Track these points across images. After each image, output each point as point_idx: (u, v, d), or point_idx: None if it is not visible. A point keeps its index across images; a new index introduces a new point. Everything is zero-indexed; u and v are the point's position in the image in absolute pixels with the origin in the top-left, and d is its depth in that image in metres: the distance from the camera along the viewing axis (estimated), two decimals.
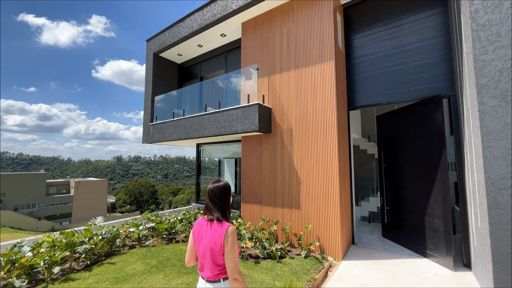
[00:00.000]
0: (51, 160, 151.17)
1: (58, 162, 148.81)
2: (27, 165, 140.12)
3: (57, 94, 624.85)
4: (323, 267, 4.24)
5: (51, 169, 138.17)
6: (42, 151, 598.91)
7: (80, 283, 3.53)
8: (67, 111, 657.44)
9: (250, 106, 5.45)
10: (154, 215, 6.43)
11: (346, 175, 5.21)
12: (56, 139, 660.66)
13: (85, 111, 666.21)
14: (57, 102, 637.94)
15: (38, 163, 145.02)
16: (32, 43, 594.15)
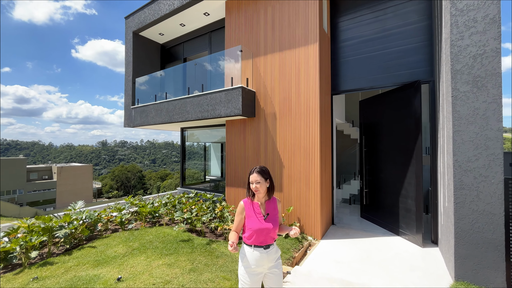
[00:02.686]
0: (31, 145, 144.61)
1: (38, 147, 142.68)
2: (5, 150, 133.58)
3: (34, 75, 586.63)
4: (302, 246, 4.43)
5: (32, 154, 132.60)
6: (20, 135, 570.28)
7: (59, 267, 3.51)
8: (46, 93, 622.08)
9: (233, 89, 5.35)
10: (137, 199, 6.39)
11: (328, 159, 5.33)
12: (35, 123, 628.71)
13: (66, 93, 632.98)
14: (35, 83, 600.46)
15: (17, 148, 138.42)
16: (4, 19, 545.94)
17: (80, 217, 4.71)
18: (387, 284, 3.24)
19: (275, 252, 1.99)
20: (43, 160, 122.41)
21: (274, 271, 1.96)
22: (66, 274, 3.31)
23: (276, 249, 2.02)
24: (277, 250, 2.03)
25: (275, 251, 2.00)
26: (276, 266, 2.00)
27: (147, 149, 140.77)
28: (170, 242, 4.27)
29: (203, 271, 3.31)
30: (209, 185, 8.52)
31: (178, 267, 3.40)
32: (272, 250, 1.96)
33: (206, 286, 2.97)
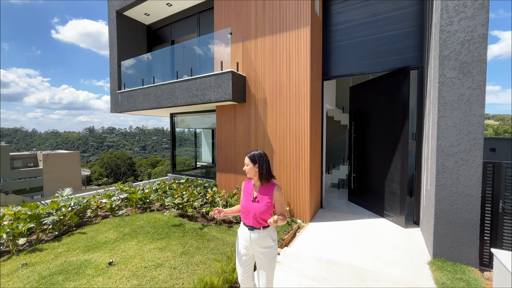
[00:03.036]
0: (13, 132, 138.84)
1: (21, 134, 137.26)
2: None
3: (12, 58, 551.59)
4: (292, 229, 4.57)
5: (14, 141, 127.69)
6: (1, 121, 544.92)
7: (48, 253, 3.50)
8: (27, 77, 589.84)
9: (223, 73, 5.23)
10: (127, 186, 6.34)
11: (318, 144, 5.40)
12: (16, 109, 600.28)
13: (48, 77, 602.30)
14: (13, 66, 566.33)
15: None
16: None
17: (69, 204, 4.65)
18: (370, 261, 3.42)
19: (263, 238, 1.94)
20: (27, 148, 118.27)
21: (260, 257, 1.98)
22: (56, 260, 3.31)
23: (265, 236, 1.95)
24: (265, 237, 1.96)
25: (263, 237, 1.95)
26: (264, 254, 1.96)
27: (137, 136, 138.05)
28: (161, 227, 4.31)
29: (195, 254, 3.38)
30: (200, 171, 8.53)
31: (170, 251, 3.46)
32: (259, 235, 1.94)
33: (197, 268, 3.05)
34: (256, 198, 1.99)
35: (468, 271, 3.05)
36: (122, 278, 2.82)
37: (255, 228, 1.96)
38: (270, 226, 1.98)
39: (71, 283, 2.77)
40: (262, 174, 2.01)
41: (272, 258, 1.98)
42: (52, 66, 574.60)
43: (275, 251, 2.00)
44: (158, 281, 2.77)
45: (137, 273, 2.91)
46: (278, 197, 1.97)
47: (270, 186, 2.00)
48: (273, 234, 2.02)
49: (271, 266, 1.97)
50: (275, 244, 2.01)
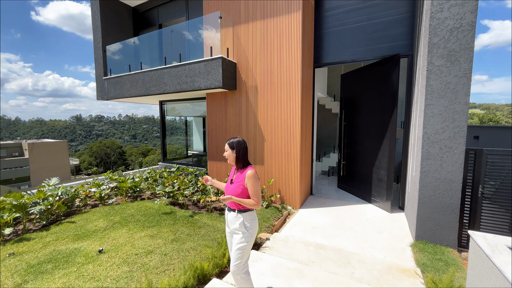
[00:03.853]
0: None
1: (4, 122, 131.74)
2: None
3: None
4: (282, 215, 4.67)
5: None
6: None
7: (36, 242, 3.47)
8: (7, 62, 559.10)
9: (213, 59, 5.10)
10: (116, 175, 6.26)
11: (308, 132, 5.43)
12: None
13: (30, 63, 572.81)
14: None
15: None
16: None
17: (56, 193, 4.57)
18: (356, 245, 3.56)
19: (236, 220, 2.02)
20: (11, 136, 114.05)
21: (232, 238, 2.11)
22: (44, 249, 3.29)
23: (238, 219, 2.01)
24: (237, 220, 2.01)
25: (236, 219, 2.02)
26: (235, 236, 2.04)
27: (126, 124, 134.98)
28: (152, 215, 4.31)
29: (186, 241, 3.42)
30: (192, 159, 8.48)
31: (161, 238, 3.49)
32: (233, 216, 2.04)
33: (188, 254, 3.09)
34: (233, 181, 2.09)
35: (447, 252, 3.22)
36: (113, 265, 2.83)
37: (231, 209, 2.07)
38: (246, 212, 2.03)
39: (61, 271, 2.76)
40: (239, 159, 2.08)
41: (240, 244, 1.98)
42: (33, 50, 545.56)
43: (245, 239, 1.99)
44: (149, 267, 2.80)
45: (128, 260, 2.93)
46: (247, 179, 2.01)
47: (244, 170, 2.07)
48: (249, 221, 2.02)
49: (237, 254, 1.99)
50: (248, 233, 2.00)
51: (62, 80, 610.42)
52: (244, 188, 2.00)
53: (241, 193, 2.00)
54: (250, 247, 2.05)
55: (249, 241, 2.00)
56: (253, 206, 1.98)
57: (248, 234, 2.00)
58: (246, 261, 2.04)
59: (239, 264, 1.99)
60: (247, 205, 1.97)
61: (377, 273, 2.82)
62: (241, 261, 1.99)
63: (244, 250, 1.99)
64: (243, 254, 1.99)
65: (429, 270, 2.86)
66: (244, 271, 2.02)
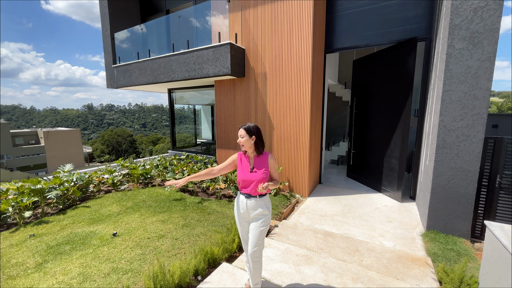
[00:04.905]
0: (11, 109, 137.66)
1: (20, 111, 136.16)
2: None
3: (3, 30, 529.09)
4: (290, 203, 4.68)
5: (14, 118, 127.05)
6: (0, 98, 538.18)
7: (54, 225, 3.63)
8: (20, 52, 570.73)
9: (221, 45, 5.00)
10: (128, 162, 6.40)
11: (318, 121, 5.33)
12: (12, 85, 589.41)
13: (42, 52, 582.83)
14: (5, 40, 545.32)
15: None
16: None
17: (71, 179, 4.72)
18: (365, 233, 3.54)
19: (258, 206, 2.02)
20: (27, 125, 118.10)
21: (253, 224, 2.06)
22: (62, 231, 3.44)
23: (260, 204, 2.03)
24: (260, 205, 2.03)
25: (259, 205, 2.03)
26: (256, 221, 2.04)
27: (136, 113, 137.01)
28: (163, 201, 4.41)
29: (196, 226, 3.50)
30: (201, 148, 8.55)
31: (172, 223, 3.58)
32: (255, 202, 2.03)
33: (198, 239, 3.16)
34: (254, 169, 2.05)
35: (459, 242, 3.16)
36: (126, 248, 2.94)
37: (251, 196, 2.04)
38: (265, 196, 2.06)
39: (78, 252, 2.89)
40: (258, 145, 2.04)
41: (263, 227, 2.04)
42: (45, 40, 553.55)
43: (268, 221, 2.06)
44: (161, 250, 2.88)
45: (141, 244, 3.03)
46: (272, 164, 2.06)
47: (264, 155, 2.06)
48: (268, 204, 2.08)
49: (260, 236, 2.04)
50: (269, 215, 2.08)
51: (73, 70, 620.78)
52: (268, 173, 2.04)
53: (265, 178, 2.02)
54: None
55: (268, 224, 2.06)
56: (279, 185, 2.10)
57: (269, 217, 2.07)
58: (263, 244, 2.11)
59: (261, 246, 2.05)
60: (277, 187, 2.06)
61: (386, 261, 2.81)
62: (262, 243, 2.06)
63: (265, 234, 2.06)
64: (264, 235, 2.06)
65: (440, 260, 2.82)
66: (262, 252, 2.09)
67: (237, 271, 2.50)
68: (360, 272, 2.53)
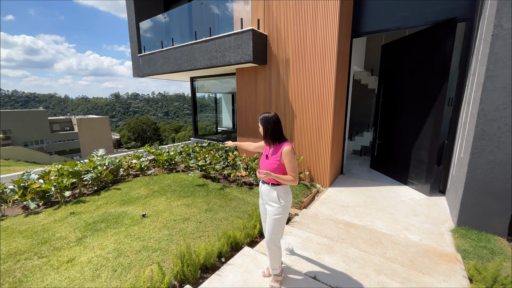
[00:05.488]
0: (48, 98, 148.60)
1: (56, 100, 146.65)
2: (25, 103, 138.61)
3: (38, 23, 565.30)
4: (311, 192, 4.66)
5: (50, 106, 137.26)
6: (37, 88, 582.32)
7: (90, 204, 3.95)
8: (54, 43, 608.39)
9: (243, 32, 4.93)
10: (154, 148, 6.70)
11: (342, 109, 5.15)
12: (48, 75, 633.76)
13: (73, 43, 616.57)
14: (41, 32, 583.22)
15: (36, 100, 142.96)
16: None
17: (103, 163, 5.06)
18: (389, 225, 3.45)
19: (270, 193, 2.05)
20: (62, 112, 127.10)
21: (268, 211, 2.10)
22: (97, 210, 3.74)
23: (272, 192, 2.04)
24: (272, 193, 2.04)
25: (270, 192, 2.05)
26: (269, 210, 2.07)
27: (159, 102, 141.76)
28: (186, 186, 4.60)
29: (218, 211, 3.62)
30: (221, 136, 8.69)
31: (195, 207, 3.73)
32: (267, 189, 2.07)
33: (220, 223, 3.28)
34: (268, 156, 2.09)
35: (493, 240, 2.97)
36: (155, 228, 3.13)
37: (264, 182, 2.11)
38: (280, 186, 2.03)
39: (112, 230, 3.14)
40: (266, 136, 2.07)
41: (275, 217, 2.02)
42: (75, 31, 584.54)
43: (280, 213, 2.02)
44: (186, 232, 3.04)
45: (167, 225, 3.21)
46: (284, 155, 1.97)
47: (280, 146, 2.03)
48: (282, 195, 2.03)
49: (273, 225, 2.03)
50: (282, 208, 2.01)
51: (101, 60, 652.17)
52: (280, 164, 1.99)
53: (277, 168, 1.99)
54: (285, 220, 2.09)
55: (283, 213, 2.03)
56: (291, 182, 1.96)
57: (282, 208, 2.02)
58: (282, 232, 2.10)
59: (276, 235, 2.05)
60: (284, 181, 1.95)
61: (411, 255, 2.73)
62: (278, 232, 2.06)
63: (280, 222, 2.04)
64: (279, 225, 2.04)
65: (472, 257, 2.68)
66: (279, 242, 2.09)
67: (258, 255, 2.58)
68: (384, 264, 2.49)
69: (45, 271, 2.43)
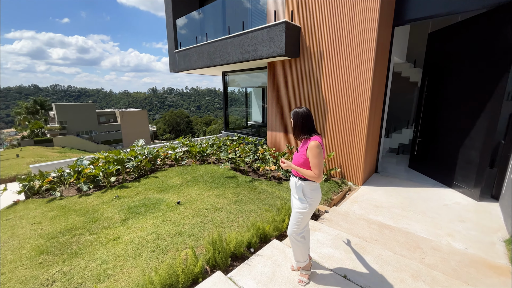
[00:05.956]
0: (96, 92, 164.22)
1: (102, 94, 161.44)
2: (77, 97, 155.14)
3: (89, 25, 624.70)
4: (342, 190, 4.51)
5: (98, 100, 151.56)
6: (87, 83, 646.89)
7: (132, 190, 4.32)
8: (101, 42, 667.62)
9: (276, 25, 4.87)
10: (187, 140, 7.04)
11: (379, 104, 4.84)
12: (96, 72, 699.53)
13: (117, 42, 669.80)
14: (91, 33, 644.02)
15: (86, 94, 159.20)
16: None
17: (143, 153, 5.48)
18: (429, 230, 3.19)
19: (296, 187, 2.06)
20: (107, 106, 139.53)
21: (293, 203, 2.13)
22: (138, 196, 4.08)
23: (298, 186, 2.03)
24: (298, 187, 2.03)
25: (297, 186, 2.05)
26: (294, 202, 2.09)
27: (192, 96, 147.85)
28: (217, 178, 4.77)
29: (247, 203, 3.70)
30: (251, 130, 8.79)
31: (226, 198, 3.86)
32: (295, 182, 2.08)
33: (249, 215, 3.36)
34: (297, 150, 2.10)
35: None
36: (188, 216, 3.32)
37: (293, 175, 2.13)
38: (306, 181, 2.00)
39: (150, 214, 3.41)
40: (294, 129, 2.08)
41: (298, 211, 2.02)
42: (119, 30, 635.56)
43: (304, 208, 2.00)
44: (217, 221, 3.17)
45: (200, 213, 3.38)
46: (309, 150, 1.94)
47: (309, 140, 2.00)
48: (309, 191, 2.00)
49: (295, 218, 2.04)
50: (307, 202, 1.99)
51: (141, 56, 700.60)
52: (306, 159, 1.96)
53: (303, 163, 1.97)
54: (309, 216, 2.05)
55: (307, 209, 2.00)
56: (312, 178, 1.93)
57: (307, 203, 2.00)
58: (304, 227, 2.07)
59: (296, 229, 2.04)
60: (306, 176, 1.94)
61: (454, 263, 2.51)
62: (299, 226, 2.04)
63: (303, 216, 2.02)
64: (302, 220, 2.03)
65: None
66: (301, 235, 2.06)
67: (287, 249, 2.59)
68: (422, 270, 2.32)
69: (95, 246, 2.74)
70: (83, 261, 2.49)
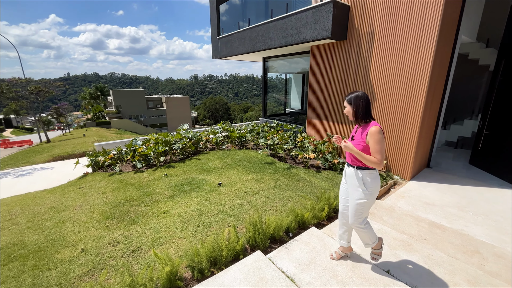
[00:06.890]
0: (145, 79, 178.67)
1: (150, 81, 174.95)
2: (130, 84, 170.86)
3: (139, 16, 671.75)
4: (386, 184, 4.22)
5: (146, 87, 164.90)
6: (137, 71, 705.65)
7: (178, 170, 4.69)
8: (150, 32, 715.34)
9: (323, 5, 4.57)
10: (227, 125, 7.28)
11: (438, 91, 4.30)
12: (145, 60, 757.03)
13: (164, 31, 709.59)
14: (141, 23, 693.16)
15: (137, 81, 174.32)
16: None
17: (187, 136, 5.85)
18: (491, 234, 2.82)
19: (354, 177, 1.97)
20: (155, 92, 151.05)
21: (350, 195, 2.03)
22: (183, 175, 4.41)
23: (356, 176, 1.95)
24: (357, 177, 1.95)
25: (355, 176, 1.96)
26: (352, 193, 2.00)
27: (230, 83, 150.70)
28: (256, 163, 4.87)
29: (285, 189, 3.73)
30: (289, 117, 8.66)
31: (264, 183, 3.94)
32: (352, 172, 1.98)
33: (287, 201, 3.39)
34: (354, 137, 1.99)
35: None
36: (229, 197, 3.49)
37: (349, 165, 2.03)
38: (367, 170, 1.91)
39: (195, 193, 3.68)
40: (357, 115, 1.93)
41: (358, 202, 1.95)
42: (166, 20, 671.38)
43: (364, 198, 1.93)
44: (256, 204, 3.28)
45: (239, 195, 3.53)
46: (370, 136, 1.84)
47: (367, 126, 1.89)
48: (368, 180, 1.92)
49: (356, 209, 1.98)
50: (368, 191, 1.91)
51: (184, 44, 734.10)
52: (366, 146, 1.86)
53: (362, 150, 1.88)
54: (370, 205, 1.99)
55: (368, 198, 1.93)
56: (374, 164, 1.83)
57: (368, 192, 1.92)
58: (366, 217, 2.04)
59: (358, 219, 2.01)
60: (366, 161, 1.83)
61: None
62: (360, 216, 2.01)
63: (364, 207, 1.97)
64: (363, 210, 1.98)
65: None
66: (364, 223, 2.03)
67: (326, 237, 2.57)
68: (480, 277, 2.09)
69: (149, 216, 3.08)
70: (140, 228, 2.83)
